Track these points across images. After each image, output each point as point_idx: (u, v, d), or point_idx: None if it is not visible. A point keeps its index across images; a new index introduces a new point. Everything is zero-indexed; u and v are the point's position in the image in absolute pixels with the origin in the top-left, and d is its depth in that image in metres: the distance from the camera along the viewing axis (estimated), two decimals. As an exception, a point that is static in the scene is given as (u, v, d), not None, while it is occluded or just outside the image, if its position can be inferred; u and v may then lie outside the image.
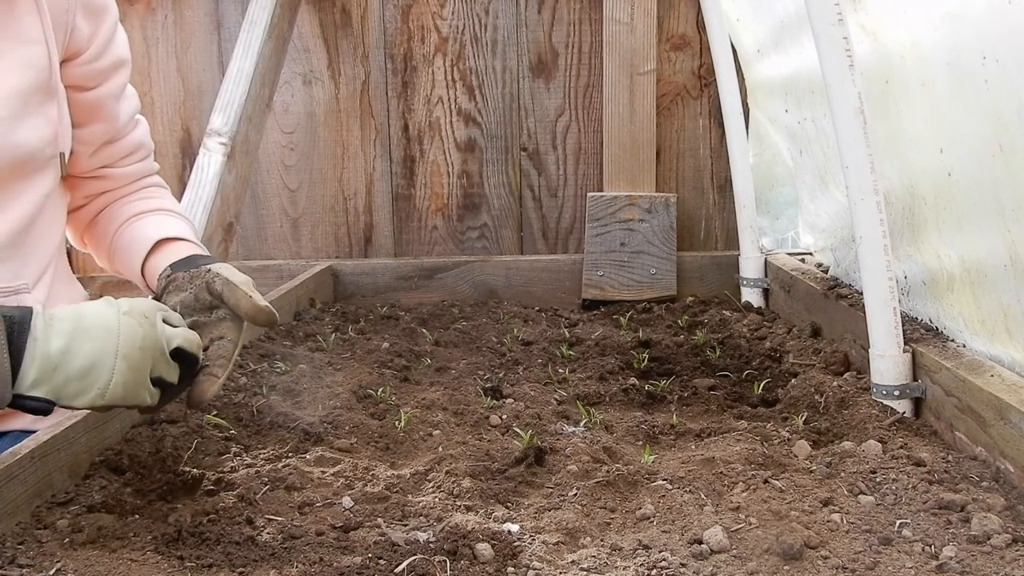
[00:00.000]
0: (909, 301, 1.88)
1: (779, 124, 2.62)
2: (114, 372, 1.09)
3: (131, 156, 1.69)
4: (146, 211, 1.64)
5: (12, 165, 1.45)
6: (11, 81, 1.43)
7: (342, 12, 2.97)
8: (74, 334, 1.09)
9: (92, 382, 1.09)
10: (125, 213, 1.65)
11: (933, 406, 1.61)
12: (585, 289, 2.89)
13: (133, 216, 1.64)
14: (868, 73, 1.83)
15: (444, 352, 2.28)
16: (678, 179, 3.01)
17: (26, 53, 1.46)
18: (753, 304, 2.70)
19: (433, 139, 3.02)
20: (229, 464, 1.53)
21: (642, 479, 1.39)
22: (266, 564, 1.16)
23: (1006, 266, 1.46)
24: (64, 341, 1.08)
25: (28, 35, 1.47)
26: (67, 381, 1.08)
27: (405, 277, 2.94)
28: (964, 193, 1.58)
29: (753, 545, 1.16)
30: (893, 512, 1.25)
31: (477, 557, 1.14)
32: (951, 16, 1.51)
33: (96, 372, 1.09)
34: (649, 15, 2.89)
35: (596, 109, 2.98)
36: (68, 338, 1.08)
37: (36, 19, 1.47)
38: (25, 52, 1.46)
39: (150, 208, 1.65)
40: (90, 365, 1.09)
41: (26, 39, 1.46)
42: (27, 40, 1.46)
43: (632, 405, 1.90)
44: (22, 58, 1.46)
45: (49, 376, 1.07)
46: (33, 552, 1.14)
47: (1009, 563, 1.09)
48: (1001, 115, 1.38)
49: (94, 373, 1.09)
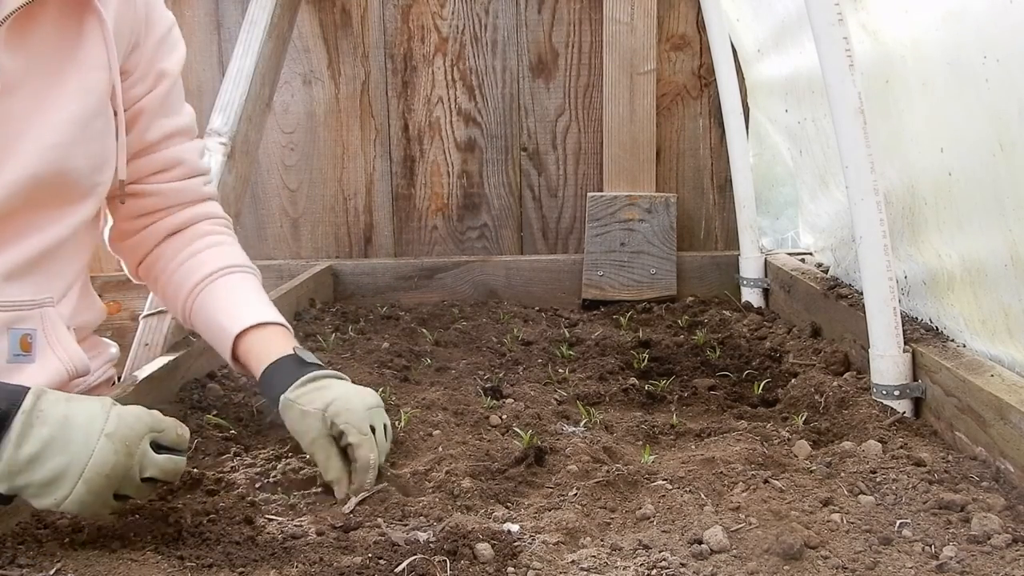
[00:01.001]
0: (909, 301, 1.88)
1: (779, 124, 2.62)
2: (72, 491, 1.11)
3: (164, 173, 1.61)
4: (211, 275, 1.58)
5: (60, 189, 1.44)
6: (71, 108, 1.43)
7: (342, 12, 2.97)
8: (49, 443, 1.11)
9: (51, 493, 1.11)
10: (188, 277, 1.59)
11: (933, 406, 1.61)
12: (585, 289, 2.89)
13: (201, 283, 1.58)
14: (868, 72, 1.83)
15: (444, 352, 2.28)
16: (678, 179, 3.00)
17: (88, 79, 1.45)
18: (753, 304, 2.70)
19: (433, 139, 3.02)
20: (229, 464, 1.53)
21: (642, 479, 1.39)
22: (266, 564, 1.16)
23: (1007, 265, 1.46)
24: (36, 449, 1.10)
25: (92, 61, 1.46)
26: (27, 485, 1.11)
27: (405, 277, 2.94)
28: (965, 192, 1.58)
29: (753, 545, 1.16)
30: (893, 512, 1.25)
31: (477, 557, 1.13)
32: (952, 15, 1.50)
33: (56, 486, 1.11)
34: (649, 15, 2.89)
35: (596, 109, 2.98)
36: (42, 446, 1.11)
37: (101, 45, 1.46)
38: (87, 78, 1.45)
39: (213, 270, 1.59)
40: (52, 479, 1.11)
41: (90, 65, 1.45)
42: (91, 66, 1.45)
43: (632, 405, 1.90)
44: (83, 84, 1.44)
45: (12, 477, 1.10)
46: (33, 552, 1.14)
47: (1009, 563, 1.09)
48: (1002, 114, 1.38)
49: (54, 486, 1.11)
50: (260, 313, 1.54)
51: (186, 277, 1.60)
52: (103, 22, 1.44)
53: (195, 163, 1.66)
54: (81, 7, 1.43)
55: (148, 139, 1.58)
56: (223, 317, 1.54)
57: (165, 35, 1.59)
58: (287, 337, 1.53)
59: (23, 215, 1.39)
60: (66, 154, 1.41)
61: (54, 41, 1.41)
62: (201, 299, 1.58)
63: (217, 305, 1.56)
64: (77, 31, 1.44)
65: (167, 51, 1.59)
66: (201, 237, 1.63)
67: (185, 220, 1.64)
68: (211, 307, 1.56)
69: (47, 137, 1.39)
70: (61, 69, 1.42)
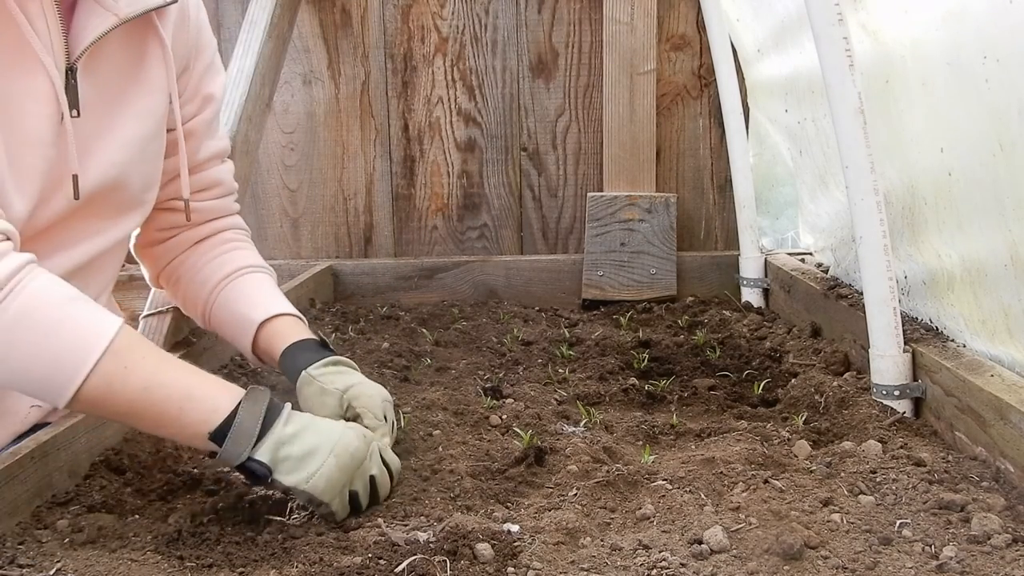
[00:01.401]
0: (909, 301, 1.88)
1: (779, 124, 2.62)
2: (323, 464, 1.25)
3: (206, 192, 1.70)
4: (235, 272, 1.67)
5: (113, 204, 1.51)
6: (132, 129, 1.50)
7: (342, 12, 2.97)
8: (306, 427, 1.29)
9: (305, 466, 1.25)
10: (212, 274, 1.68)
11: (933, 406, 1.61)
12: (585, 289, 2.89)
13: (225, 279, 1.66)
14: (868, 72, 1.83)
15: (444, 352, 2.28)
16: (678, 179, 3.00)
17: (148, 102, 1.52)
18: (753, 304, 2.70)
19: (433, 139, 3.02)
20: (229, 464, 1.53)
21: (642, 479, 1.39)
22: (266, 564, 1.16)
23: (1006, 266, 1.46)
24: (297, 428, 1.28)
25: (153, 84, 1.52)
26: (287, 457, 1.25)
27: (405, 277, 2.94)
28: (964, 193, 1.58)
29: (753, 545, 1.16)
30: (893, 512, 1.25)
31: (477, 557, 1.14)
32: (952, 15, 1.50)
33: (311, 459, 1.25)
34: (649, 15, 2.89)
35: (596, 109, 2.97)
36: (301, 427, 1.28)
37: (162, 68, 1.53)
38: (147, 101, 1.52)
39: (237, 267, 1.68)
40: (308, 452, 1.26)
41: (150, 88, 1.52)
42: (151, 89, 1.52)
43: (632, 405, 1.90)
44: (144, 106, 1.51)
45: (276, 450, 1.25)
46: (33, 552, 1.15)
47: (1009, 563, 1.09)
48: (1002, 114, 1.38)
49: (309, 459, 1.25)
50: (283, 305, 1.63)
51: (209, 276, 1.68)
52: (164, 46, 1.51)
53: (231, 183, 1.76)
54: (144, 32, 1.50)
55: (194, 160, 1.65)
56: (246, 308, 1.62)
57: (212, 59, 1.67)
58: (307, 328, 1.62)
59: (77, 224, 1.47)
60: (123, 172, 1.50)
61: (120, 65, 1.48)
62: (224, 294, 1.66)
63: (240, 298, 1.64)
64: (140, 54, 1.51)
65: (212, 75, 1.68)
66: (224, 243, 1.73)
67: (212, 230, 1.73)
68: (234, 300, 1.65)
69: (109, 156, 1.47)
70: (124, 91, 1.49)
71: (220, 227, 1.73)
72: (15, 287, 1.19)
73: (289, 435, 1.26)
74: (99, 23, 1.40)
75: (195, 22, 1.62)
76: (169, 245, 1.72)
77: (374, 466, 1.32)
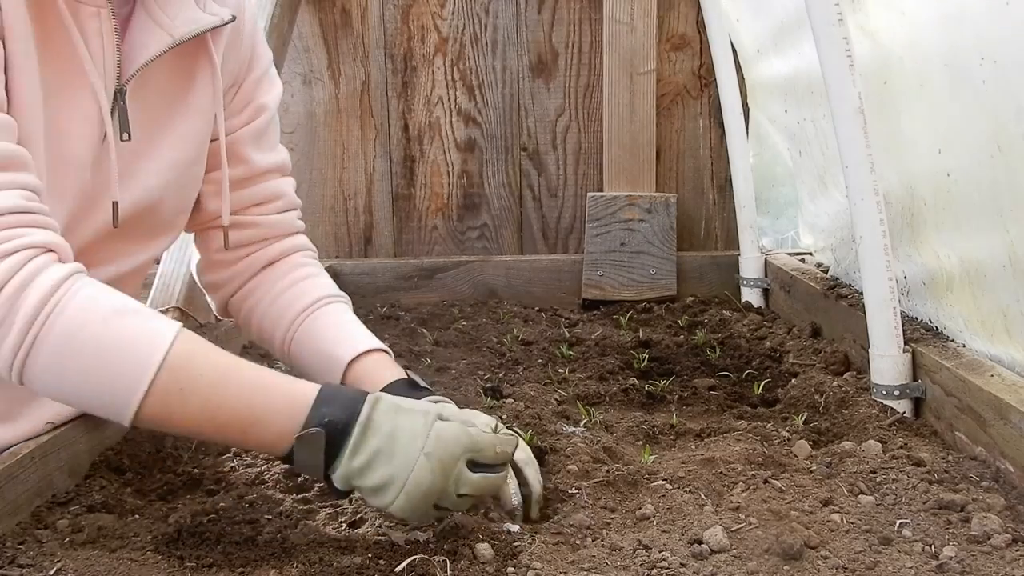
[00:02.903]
0: (909, 301, 1.88)
1: (779, 124, 2.62)
2: (395, 501, 1.16)
3: (267, 205, 1.61)
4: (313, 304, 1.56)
5: (147, 226, 1.47)
6: (174, 153, 1.45)
7: (342, 12, 2.97)
8: (377, 454, 1.16)
9: (379, 497, 1.17)
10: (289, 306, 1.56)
11: (933, 406, 1.61)
12: (585, 289, 2.89)
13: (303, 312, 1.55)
14: (867, 74, 1.83)
15: (444, 352, 2.28)
16: (678, 179, 3.01)
17: (194, 125, 1.47)
18: (753, 304, 2.71)
19: (433, 139, 3.02)
20: (229, 464, 1.53)
21: (642, 479, 1.39)
22: (266, 564, 1.16)
23: (1005, 266, 1.46)
24: (366, 460, 1.16)
25: (199, 106, 1.47)
26: (360, 488, 1.18)
27: (405, 277, 2.94)
28: (963, 193, 1.58)
29: (753, 545, 1.16)
30: (893, 512, 1.25)
31: (477, 557, 1.14)
32: (949, 17, 1.51)
33: (383, 493, 1.17)
34: (649, 15, 2.89)
35: (596, 109, 2.97)
36: (371, 457, 1.16)
37: (210, 91, 1.47)
38: (193, 124, 1.47)
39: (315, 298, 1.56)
40: (380, 486, 1.16)
41: (196, 110, 1.47)
42: (197, 111, 1.47)
43: (632, 405, 1.90)
44: (189, 130, 1.46)
45: (348, 480, 1.18)
46: (33, 552, 1.15)
47: (1009, 563, 1.09)
48: (999, 116, 1.38)
49: (382, 493, 1.17)
50: (369, 340, 1.51)
51: (286, 307, 1.57)
52: (214, 68, 1.45)
53: (293, 197, 1.66)
54: (196, 51, 1.44)
55: (248, 171, 1.58)
56: (331, 345, 1.50)
57: (266, 70, 1.61)
58: (395, 364, 1.52)
59: (105, 247, 1.41)
60: (160, 197, 1.44)
61: (168, 86, 1.43)
62: (304, 329, 1.55)
63: (324, 334, 1.53)
64: (189, 75, 1.45)
65: (267, 87, 1.61)
66: (297, 268, 1.61)
67: (281, 251, 1.62)
68: (317, 336, 1.54)
69: (147, 181, 1.42)
70: (170, 114, 1.44)
71: (289, 248, 1.62)
72: (56, 305, 1.12)
73: (357, 469, 1.16)
74: (153, 44, 1.35)
75: (249, 36, 1.56)
76: (238, 269, 1.60)
77: (465, 486, 1.18)
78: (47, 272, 1.13)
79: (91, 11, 1.31)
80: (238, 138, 1.56)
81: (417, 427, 1.18)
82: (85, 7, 1.30)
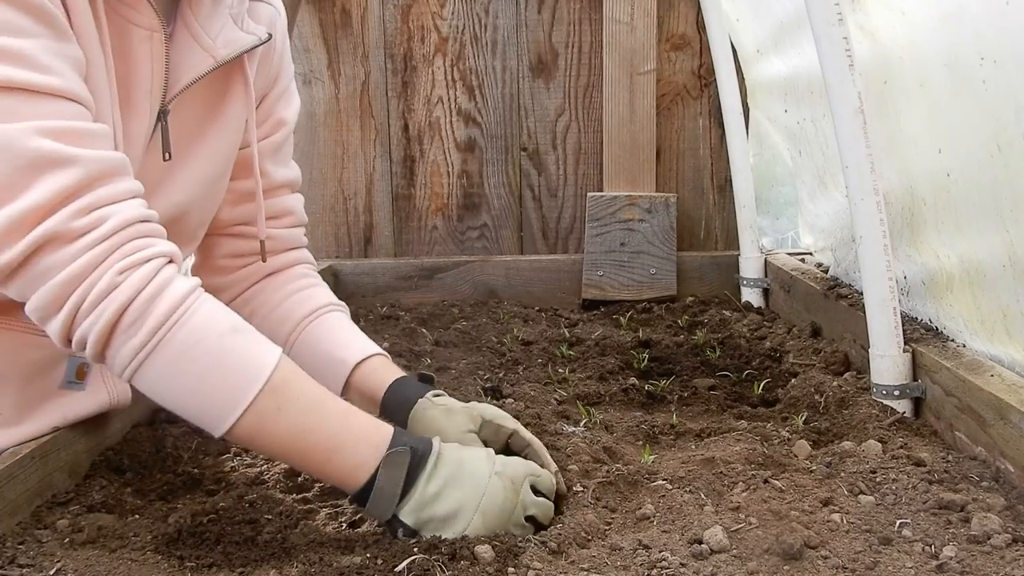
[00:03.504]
0: (909, 301, 1.88)
1: (779, 124, 2.62)
2: (470, 524, 1.20)
3: (278, 220, 1.63)
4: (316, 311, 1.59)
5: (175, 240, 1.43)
6: (203, 168, 1.46)
7: (342, 12, 2.97)
8: (449, 481, 1.22)
9: (450, 526, 1.20)
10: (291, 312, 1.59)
11: (933, 406, 1.61)
12: (585, 289, 2.89)
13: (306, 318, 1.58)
14: (867, 74, 1.83)
15: (444, 352, 2.28)
16: (678, 179, 3.01)
17: (224, 141, 1.48)
18: (753, 304, 2.71)
19: (433, 139, 3.02)
20: (229, 464, 1.53)
21: (642, 479, 1.40)
22: (266, 564, 1.16)
23: (1004, 267, 1.46)
24: (440, 487, 1.21)
25: (231, 122, 1.48)
26: (431, 519, 1.20)
27: (405, 277, 2.94)
28: (963, 194, 1.58)
29: (753, 545, 1.16)
30: (893, 512, 1.25)
31: (477, 558, 1.13)
32: (949, 17, 1.51)
33: (455, 520, 1.20)
34: (649, 15, 2.89)
35: (596, 109, 2.97)
36: (444, 484, 1.21)
37: (242, 108, 1.48)
38: (223, 140, 1.48)
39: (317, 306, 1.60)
40: (452, 512, 1.20)
41: (227, 126, 1.48)
42: (228, 127, 1.48)
43: (632, 405, 1.90)
44: (219, 145, 1.47)
45: (419, 511, 1.20)
46: (33, 552, 1.15)
47: (1009, 563, 1.09)
48: (999, 116, 1.38)
49: (454, 520, 1.20)
50: (372, 346, 1.56)
51: (288, 314, 1.59)
52: (248, 86, 1.46)
53: (301, 215, 1.69)
54: (231, 69, 1.45)
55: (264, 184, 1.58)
56: (336, 348, 1.55)
57: (288, 85, 1.63)
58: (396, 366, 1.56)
59: None
60: (187, 211, 1.46)
61: (202, 104, 1.44)
62: (307, 334, 1.57)
63: (327, 338, 1.57)
64: (222, 93, 1.46)
65: (287, 101, 1.63)
66: (298, 279, 1.65)
67: (284, 264, 1.65)
68: (320, 340, 1.57)
69: (176, 196, 1.43)
70: (203, 129, 1.45)
71: (292, 260, 1.66)
72: (182, 316, 1.16)
73: (432, 496, 1.20)
74: (196, 65, 1.36)
75: (279, 53, 1.58)
76: (239, 276, 1.63)
77: (531, 507, 1.25)
78: (177, 283, 1.18)
79: (144, 34, 1.31)
80: (258, 151, 1.56)
81: (481, 456, 1.26)
82: (138, 30, 1.31)
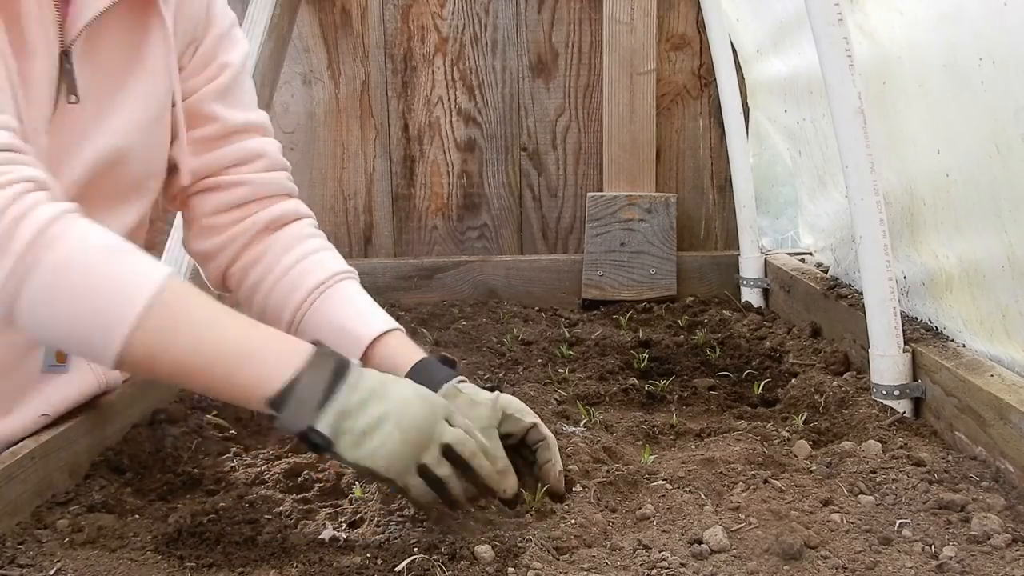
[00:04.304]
0: (909, 301, 1.88)
1: (778, 124, 2.62)
2: (387, 438, 1.14)
3: (249, 165, 1.56)
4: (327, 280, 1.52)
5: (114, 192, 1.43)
6: (133, 114, 1.43)
7: (342, 12, 2.97)
8: (373, 394, 1.16)
9: (366, 442, 1.15)
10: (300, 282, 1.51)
11: (933, 406, 1.61)
12: (585, 289, 2.89)
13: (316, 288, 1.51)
14: (865, 74, 1.83)
15: (444, 352, 2.28)
16: (678, 179, 3.00)
17: (151, 84, 1.45)
18: (753, 304, 2.71)
19: (433, 139, 3.02)
20: (229, 464, 1.53)
21: (642, 479, 1.40)
22: (266, 564, 1.16)
23: (1003, 267, 1.46)
24: (364, 396, 1.16)
25: (154, 66, 1.45)
26: (348, 431, 1.14)
27: (405, 277, 2.94)
28: (962, 194, 1.58)
29: (753, 545, 1.16)
30: (893, 512, 1.25)
31: (477, 558, 1.13)
32: (948, 17, 1.51)
33: (372, 434, 1.15)
34: (649, 15, 2.88)
35: (596, 109, 2.97)
36: (368, 394, 1.16)
37: (163, 49, 1.45)
38: (150, 83, 1.45)
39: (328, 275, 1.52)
40: (371, 425, 1.15)
41: (152, 70, 1.45)
42: (153, 71, 1.45)
43: (632, 405, 1.90)
44: (145, 90, 1.44)
45: (338, 421, 1.14)
46: (33, 552, 1.15)
47: (1009, 563, 1.09)
48: (998, 116, 1.38)
49: (371, 434, 1.15)
50: (389, 320, 1.50)
51: (297, 282, 1.52)
52: (166, 27, 1.44)
53: (277, 157, 1.62)
54: (145, 11, 1.42)
55: (220, 129, 1.54)
56: (352, 322, 1.48)
57: (227, 31, 1.57)
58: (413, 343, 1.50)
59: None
60: (123, 158, 1.41)
61: (120, 48, 1.41)
62: (319, 305, 1.51)
63: (343, 311, 1.50)
64: (142, 36, 1.44)
65: (230, 43, 1.57)
66: (304, 240, 1.58)
67: (279, 215, 1.58)
68: (337, 311, 1.50)
69: (107, 141, 1.39)
70: (125, 75, 1.42)
71: (289, 212, 1.59)
72: (52, 239, 1.10)
73: (354, 405, 1.15)
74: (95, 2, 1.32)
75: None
76: (235, 233, 1.55)
77: (446, 433, 1.18)
78: (43, 207, 1.11)
79: None
80: (204, 96, 1.53)
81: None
82: None
